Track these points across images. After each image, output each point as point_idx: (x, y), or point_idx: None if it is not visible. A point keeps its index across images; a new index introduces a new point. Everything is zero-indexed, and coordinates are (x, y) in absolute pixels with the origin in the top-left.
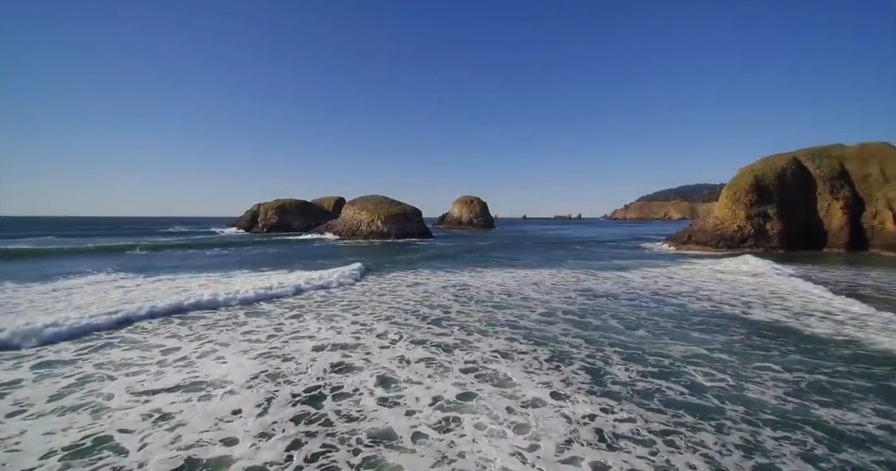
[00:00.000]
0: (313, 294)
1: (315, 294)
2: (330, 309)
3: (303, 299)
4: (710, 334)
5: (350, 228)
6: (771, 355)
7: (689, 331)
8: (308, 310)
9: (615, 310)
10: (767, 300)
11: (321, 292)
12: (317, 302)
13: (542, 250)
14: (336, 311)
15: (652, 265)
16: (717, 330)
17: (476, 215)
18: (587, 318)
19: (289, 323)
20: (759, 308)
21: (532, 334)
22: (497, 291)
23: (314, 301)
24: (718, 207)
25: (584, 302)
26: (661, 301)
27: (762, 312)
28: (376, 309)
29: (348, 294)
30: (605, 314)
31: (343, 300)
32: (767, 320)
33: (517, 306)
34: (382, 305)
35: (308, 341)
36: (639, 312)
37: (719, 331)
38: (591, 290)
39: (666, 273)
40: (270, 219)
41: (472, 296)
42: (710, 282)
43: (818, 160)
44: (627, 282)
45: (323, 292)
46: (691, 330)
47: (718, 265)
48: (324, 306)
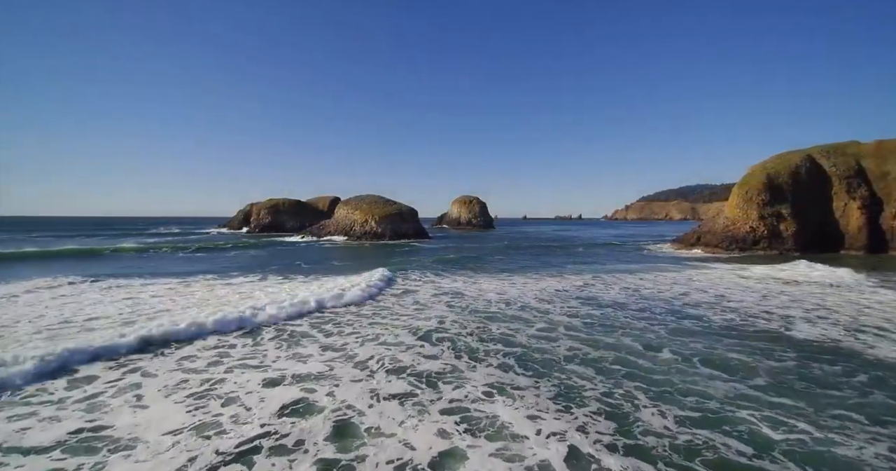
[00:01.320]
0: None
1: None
2: (294, 326)
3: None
4: (751, 358)
5: (343, 229)
6: (846, 395)
7: (726, 354)
8: (266, 329)
9: (627, 324)
10: (809, 311)
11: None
12: (280, 318)
13: (543, 253)
14: (304, 328)
15: (662, 269)
16: (760, 353)
17: (475, 216)
18: (596, 334)
19: (239, 349)
20: (802, 323)
21: (532, 358)
22: (494, 299)
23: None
24: (729, 207)
25: (589, 314)
26: (679, 313)
27: (808, 327)
28: (354, 325)
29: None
30: (616, 330)
31: (311, 315)
32: (818, 340)
33: (515, 319)
34: (362, 320)
35: (258, 373)
36: (656, 328)
37: (762, 354)
38: (596, 298)
39: (679, 278)
40: (263, 219)
41: (466, 306)
42: (734, 289)
43: (833, 158)
44: (637, 289)
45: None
46: (727, 353)
47: (745, 271)
48: (287, 324)
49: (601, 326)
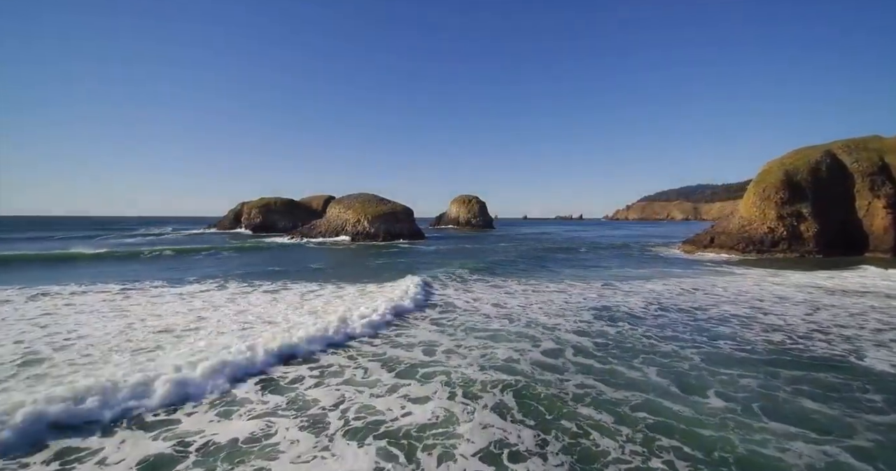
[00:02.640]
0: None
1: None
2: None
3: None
4: (832, 405)
5: (334, 229)
6: None
7: (795, 398)
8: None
9: (649, 347)
10: (879, 332)
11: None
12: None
13: (545, 255)
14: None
15: (679, 275)
16: (838, 396)
17: (474, 215)
18: (612, 362)
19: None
20: (873, 347)
21: (536, 395)
22: (493, 313)
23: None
24: (744, 206)
25: (602, 331)
26: (710, 331)
27: (885, 355)
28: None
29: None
30: (637, 356)
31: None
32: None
33: (521, 338)
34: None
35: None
36: (687, 353)
37: (842, 399)
38: (609, 309)
39: (701, 286)
40: (254, 219)
41: (461, 323)
42: (769, 300)
43: (855, 153)
44: (656, 298)
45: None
46: (796, 396)
47: (777, 278)
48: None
49: (617, 348)
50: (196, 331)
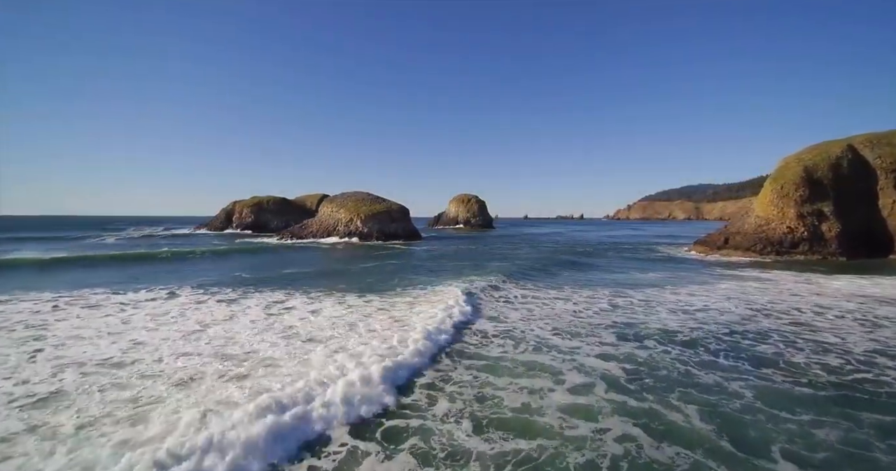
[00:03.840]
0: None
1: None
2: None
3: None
4: None
5: (326, 229)
6: None
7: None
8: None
9: (688, 377)
10: None
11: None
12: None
13: (547, 257)
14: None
15: (699, 281)
16: None
17: (474, 215)
18: (649, 399)
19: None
20: None
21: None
22: (491, 330)
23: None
24: (761, 205)
25: (630, 356)
26: (754, 354)
27: None
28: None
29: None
30: (674, 388)
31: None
32: None
33: (531, 367)
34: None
35: None
36: (732, 385)
37: None
38: (632, 326)
39: (730, 293)
40: (246, 218)
41: (454, 348)
42: (810, 312)
43: (878, 149)
44: (681, 309)
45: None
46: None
47: (812, 284)
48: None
49: (651, 377)
50: (119, 367)
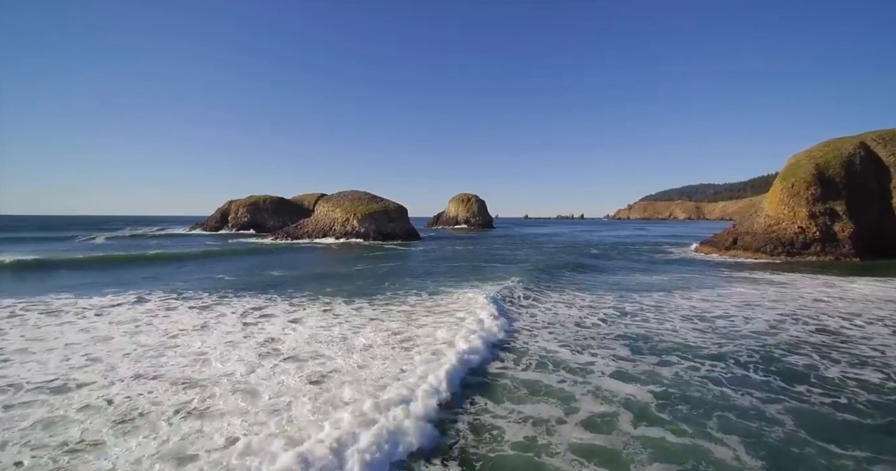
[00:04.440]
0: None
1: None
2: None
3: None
4: None
5: (322, 229)
6: None
7: None
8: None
9: (721, 398)
10: None
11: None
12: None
13: (549, 259)
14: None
15: (709, 285)
16: None
17: (473, 214)
18: (685, 428)
19: None
20: None
21: None
22: (486, 344)
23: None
24: (771, 204)
25: (653, 375)
26: (784, 367)
27: None
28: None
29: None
30: (711, 414)
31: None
32: None
33: (538, 390)
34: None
35: None
36: (770, 408)
37: None
38: (647, 337)
39: (749, 298)
40: (242, 217)
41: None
42: (836, 317)
43: (891, 146)
44: (700, 318)
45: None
46: None
47: (836, 288)
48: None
49: (684, 402)
50: (60, 393)
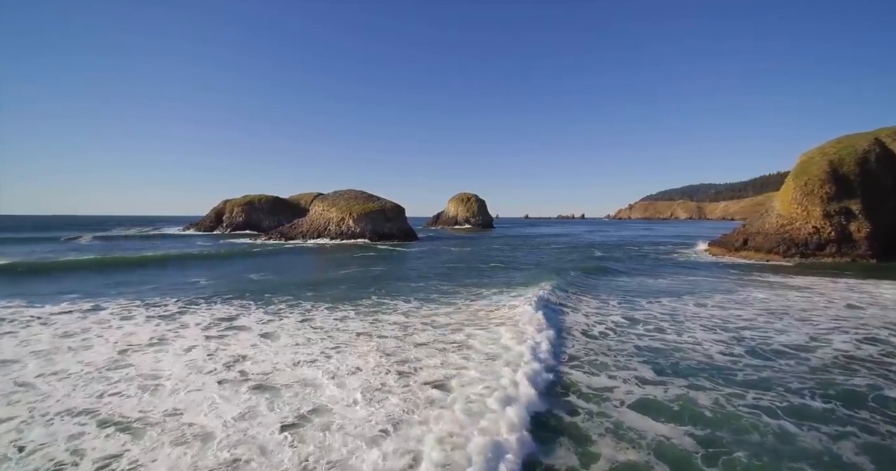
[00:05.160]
0: None
1: None
2: None
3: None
4: None
5: (317, 229)
6: None
7: None
8: None
9: (791, 442)
10: None
11: None
12: None
13: (552, 260)
14: None
15: (723, 289)
16: None
17: (473, 214)
18: None
19: None
20: None
21: None
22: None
23: None
24: (783, 203)
25: (686, 402)
26: (843, 392)
27: None
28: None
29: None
30: (779, 464)
31: None
32: None
33: (549, 428)
34: None
35: None
36: (850, 449)
37: None
38: (666, 353)
39: (772, 305)
40: (237, 217)
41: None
42: (879, 326)
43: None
44: (723, 328)
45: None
46: None
47: (860, 292)
48: None
49: (739, 447)
50: None
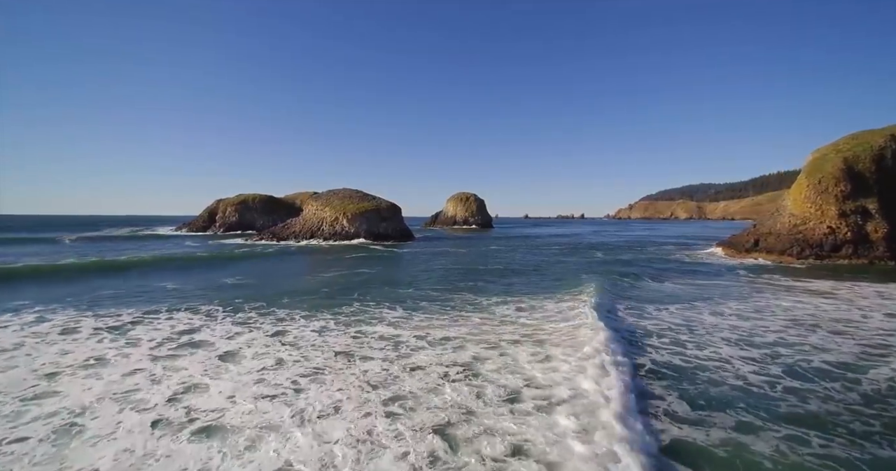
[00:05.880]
0: None
1: None
2: None
3: None
4: None
5: (310, 229)
6: None
7: None
8: None
9: None
10: None
11: None
12: None
13: (557, 263)
14: None
15: (737, 295)
16: None
17: (472, 214)
18: None
19: None
20: None
21: None
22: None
23: None
24: (795, 202)
25: (734, 448)
26: None
27: None
28: None
29: None
30: None
31: None
32: None
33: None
34: None
35: None
36: None
37: None
38: (692, 378)
39: (791, 315)
40: (230, 217)
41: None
42: None
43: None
44: (748, 340)
45: None
46: None
47: (890, 299)
48: None
49: None
50: None
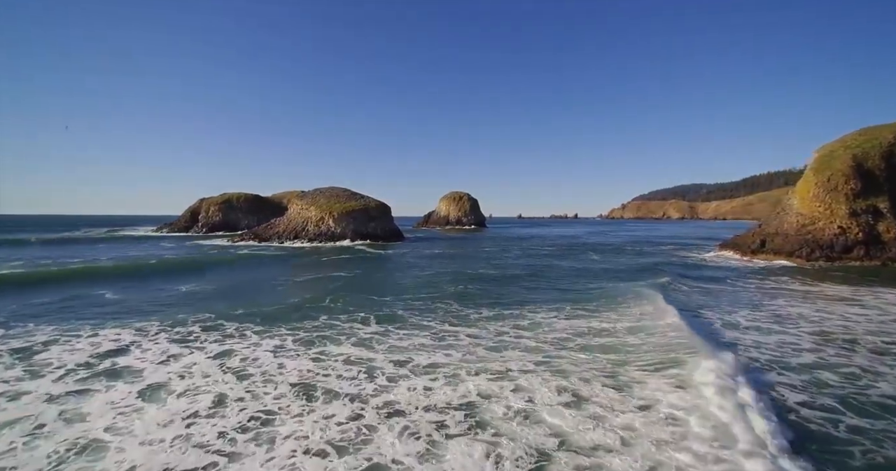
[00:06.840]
0: None
1: None
2: None
3: None
4: None
5: (294, 229)
6: None
7: None
8: None
9: None
10: None
11: None
12: None
13: (544, 265)
14: None
15: (747, 302)
16: None
17: (465, 214)
18: None
19: None
20: None
21: None
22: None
23: None
24: (803, 201)
25: None
26: None
27: None
28: None
29: None
30: None
31: None
32: None
33: None
34: None
35: None
36: None
37: None
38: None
39: (817, 327)
40: (213, 217)
41: None
42: None
43: None
44: (779, 362)
45: None
46: None
47: None
48: None
49: None
50: None
